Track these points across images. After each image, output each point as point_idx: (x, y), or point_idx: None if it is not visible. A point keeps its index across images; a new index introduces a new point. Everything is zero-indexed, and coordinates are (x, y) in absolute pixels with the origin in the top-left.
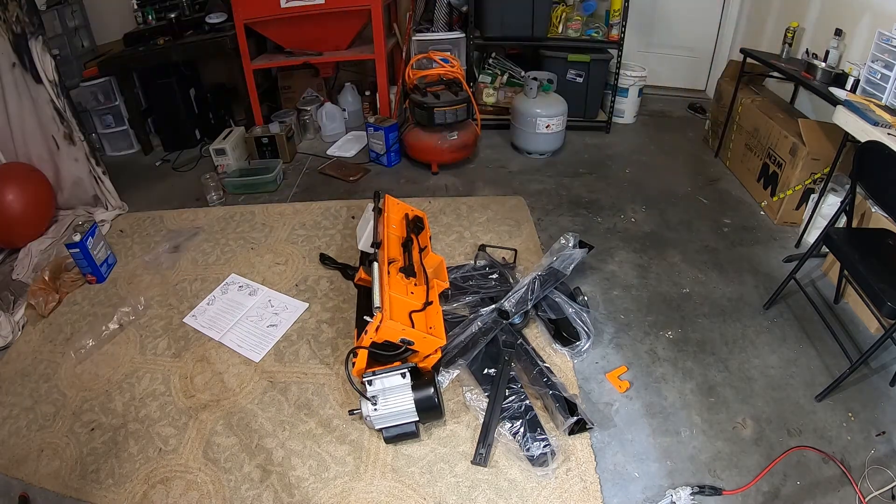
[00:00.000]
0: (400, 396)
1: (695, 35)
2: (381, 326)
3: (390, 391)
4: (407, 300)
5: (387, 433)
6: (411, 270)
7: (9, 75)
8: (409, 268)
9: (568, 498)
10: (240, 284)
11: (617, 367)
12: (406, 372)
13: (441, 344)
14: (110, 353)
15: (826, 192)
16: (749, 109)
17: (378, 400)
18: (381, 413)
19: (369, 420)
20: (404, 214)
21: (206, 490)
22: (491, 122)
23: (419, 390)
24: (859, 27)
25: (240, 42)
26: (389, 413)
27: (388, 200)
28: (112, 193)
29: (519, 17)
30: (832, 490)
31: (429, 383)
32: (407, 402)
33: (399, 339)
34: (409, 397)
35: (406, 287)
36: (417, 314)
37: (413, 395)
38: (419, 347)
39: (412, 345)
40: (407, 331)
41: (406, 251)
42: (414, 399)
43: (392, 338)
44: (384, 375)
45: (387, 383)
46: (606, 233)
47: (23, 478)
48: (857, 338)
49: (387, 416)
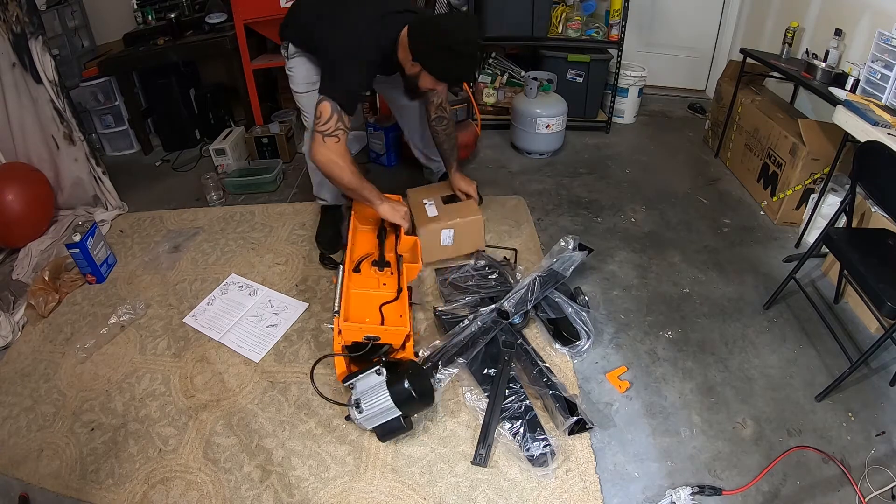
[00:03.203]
0: (378, 394)
1: (695, 35)
2: (342, 330)
3: (369, 391)
4: (377, 293)
5: (379, 431)
6: (383, 262)
7: (9, 75)
8: (381, 259)
9: (568, 498)
10: (240, 284)
11: (617, 367)
12: (381, 368)
13: (404, 332)
14: (110, 353)
15: (826, 192)
16: (749, 109)
17: (361, 402)
18: (366, 414)
19: (359, 422)
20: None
21: (206, 490)
22: (491, 122)
23: (393, 385)
24: (859, 27)
25: (240, 42)
26: (374, 413)
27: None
28: (112, 193)
29: (519, 17)
30: (832, 490)
31: (401, 375)
32: (384, 398)
33: (363, 337)
34: (385, 394)
35: (378, 280)
36: (389, 305)
37: (388, 391)
38: (386, 340)
39: (378, 340)
40: (365, 328)
41: (379, 241)
42: (390, 393)
43: (356, 338)
44: (362, 377)
45: (366, 384)
46: (606, 233)
47: (23, 478)
48: (857, 338)
49: (372, 417)
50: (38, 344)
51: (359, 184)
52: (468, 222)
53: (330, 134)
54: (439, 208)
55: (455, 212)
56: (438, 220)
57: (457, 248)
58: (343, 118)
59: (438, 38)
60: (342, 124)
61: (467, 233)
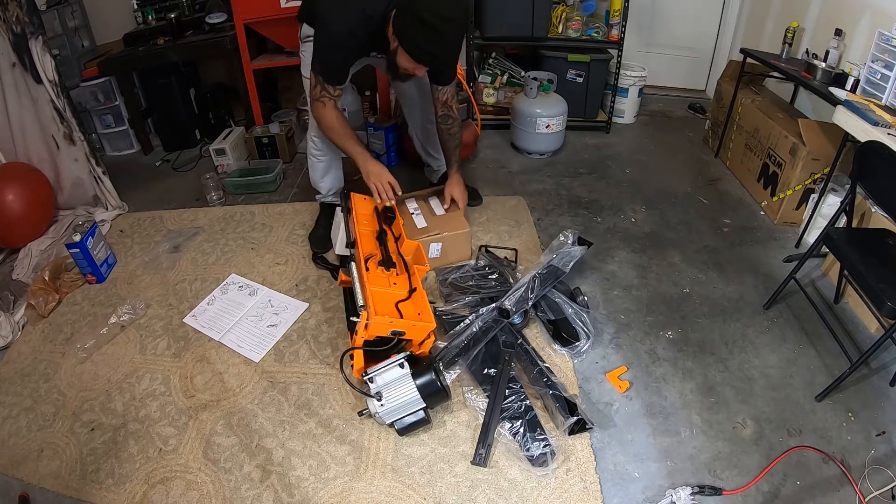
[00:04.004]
0: (402, 387)
1: (695, 35)
2: (369, 324)
3: (392, 384)
4: (391, 291)
5: (399, 425)
6: (390, 262)
7: (9, 75)
8: (387, 259)
9: (568, 498)
10: (240, 284)
11: (617, 367)
12: (403, 362)
13: (432, 328)
14: (110, 353)
15: (826, 192)
16: (749, 109)
17: (382, 395)
18: (388, 408)
19: (378, 417)
20: (374, 208)
21: (206, 490)
22: (491, 122)
23: (420, 377)
24: (859, 27)
25: (240, 42)
26: (396, 406)
27: (355, 198)
28: (112, 193)
29: (519, 17)
30: (832, 490)
31: (427, 368)
32: (410, 391)
33: (389, 332)
34: (411, 386)
35: (387, 279)
36: (404, 303)
37: (415, 382)
38: (411, 335)
39: (403, 335)
40: (395, 322)
41: (381, 243)
42: (416, 386)
43: (382, 332)
44: (383, 370)
45: (387, 377)
46: (606, 233)
47: (23, 478)
48: (857, 338)
49: (394, 410)
50: (38, 344)
51: (344, 143)
52: (456, 235)
53: (317, 99)
54: (427, 217)
55: (443, 224)
56: (427, 232)
57: (444, 259)
58: (327, 88)
59: (413, 7)
60: (327, 93)
61: (455, 245)
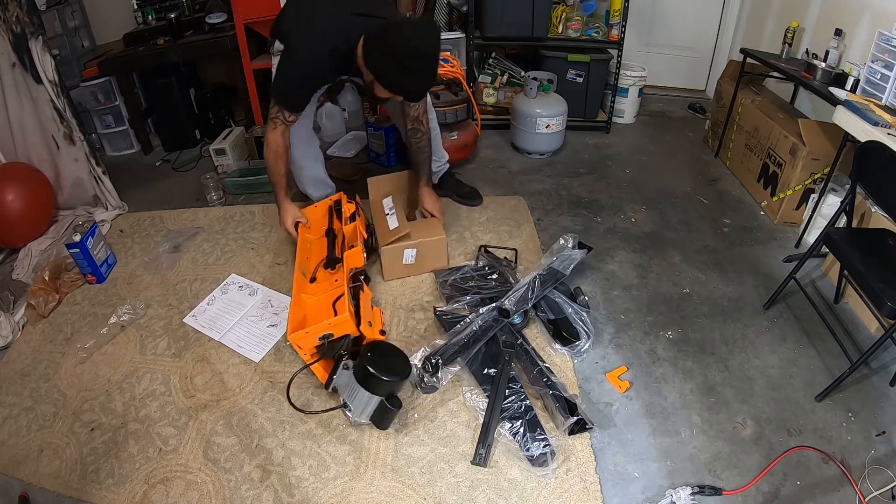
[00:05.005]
0: (353, 386)
1: (695, 35)
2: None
3: (347, 386)
4: (329, 294)
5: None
6: (333, 260)
7: (9, 75)
8: (332, 258)
9: (568, 498)
10: (240, 284)
11: (617, 367)
12: (347, 362)
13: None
14: (110, 353)
15: (826, 192)
16: (749, 109)
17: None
18: (356, 410)
19: (356, 421)
20: (328, 207)
21: (206, 490)
22: (491, 122)
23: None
24: (859, 27)
25: (240, 42)
26: (360, 406)
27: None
28: (112, 193)
29: (519, 17)
30: (832, 490)
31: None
32: (356, 388)
33: (318, 338)
34: (355, 384)
35: (329, 280)
36: (341, 301)
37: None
38: (339, 333)
39: (332, 336)
40: (312, 329)
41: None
42: (358, 382)
43: (313, 342)
44: (336, 376)
45: (342, 381)
46: (606, 233)
47: (23, 478)
48: (857, 338)
49: (362, 410)
50: (38, 344)
51: (271, 173)
52: (432, 242)
53: (272, 118)
54: (399, 217)
55: (419, 230)
56: (401, 236)
57: (419, 267)
58: (283, 112)
59: (391, 50)
60: (281, 117)
61: (430, 252)
